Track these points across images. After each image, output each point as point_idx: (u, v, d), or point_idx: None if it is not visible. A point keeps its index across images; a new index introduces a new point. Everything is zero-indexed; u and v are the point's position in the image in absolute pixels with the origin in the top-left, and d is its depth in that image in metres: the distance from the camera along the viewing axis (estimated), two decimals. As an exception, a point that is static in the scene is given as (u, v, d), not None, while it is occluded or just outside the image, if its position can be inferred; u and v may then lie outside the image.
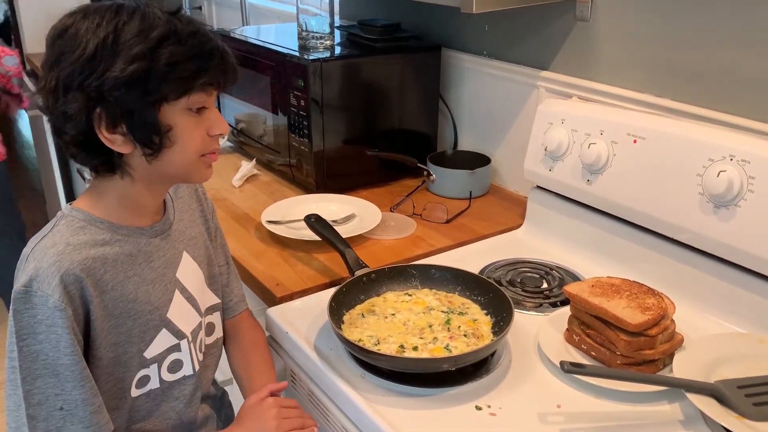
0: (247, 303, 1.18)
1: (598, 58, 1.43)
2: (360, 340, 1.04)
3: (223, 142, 1.97)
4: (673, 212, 1.17)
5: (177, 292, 1.00)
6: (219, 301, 1.11)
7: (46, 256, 0.85)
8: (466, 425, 0.92)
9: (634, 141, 1.23)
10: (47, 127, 2.98)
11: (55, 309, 0.83)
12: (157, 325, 0.97)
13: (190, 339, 1.02)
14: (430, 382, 0.98)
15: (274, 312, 1.17)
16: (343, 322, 1.09)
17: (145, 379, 0.98)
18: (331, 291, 1.13)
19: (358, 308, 1.14)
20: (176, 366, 1.01)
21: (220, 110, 1.08)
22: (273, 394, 1.04)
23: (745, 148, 1.07)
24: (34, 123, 3.14)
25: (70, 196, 3.10)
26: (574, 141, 1.33)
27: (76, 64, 0.82)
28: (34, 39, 3.28)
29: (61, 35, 0.84)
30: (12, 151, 3.68)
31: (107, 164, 0.89)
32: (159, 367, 0.99)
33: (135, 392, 0.97)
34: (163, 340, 0.98)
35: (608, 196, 1.28)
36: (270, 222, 1.44)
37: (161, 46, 0.83)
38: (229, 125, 1.97)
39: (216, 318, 1.10)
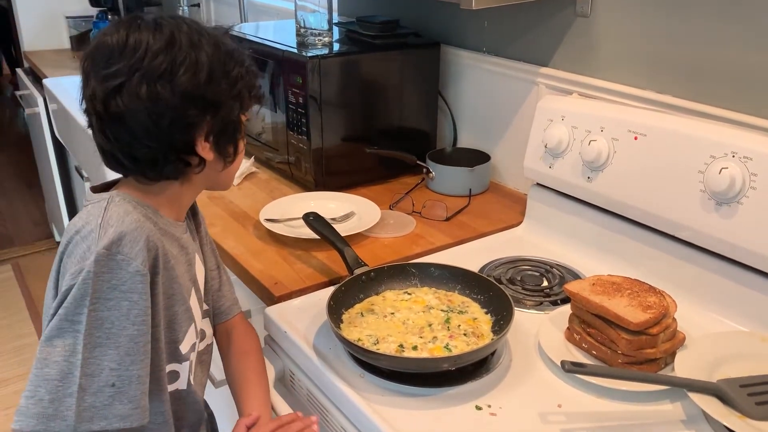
0: (241, 307, 1.16)
1: (598, 54, 1.42)
2: (359, 339, 1.03)
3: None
4: (675, 209, 1.16)
5: (193, 291, 0.99)
6: (208, 307, 1.09)
7: (126, 221, 0.84)
8: (466, 425, 0.91)
9: (635, 138, 1.22)
10: (45, 125, 2.96)
11: (136, 273, 0.82)
12: (190, 317, 0.97)
13: (200, 338, 1.02)
14: (429, 381, 0.98)
15: (272, 311, 1.16)
16: (342, 322, 1.09)
17: (174, 375, 0.95)
18: (330, 290, 1.12)
19: (357, 307, 1.13)
20: (195, 368, 1.01)
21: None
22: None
23: (747, 145, 1.07)
24: (32, 121, 3.13)
25: (68, 194, 3.09)
26: (575, 138, 1.32)
27: (195, 77, 0.86)
28: (33, 37, 3.27)
29: (170, 45, 0.86)
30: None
31: (183, 172, 0.92)
32: (189, 368, 0.98)
33: (169, 387, 0.94)
34: (191, 336, 0.98)
35: (609, 193, 1.27)
36: (268, 220, 1.43)
37: (247, 68, 0.93)
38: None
39: (206, 324, 1.08)
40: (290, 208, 1.48)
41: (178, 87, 0.85)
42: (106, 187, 0.95)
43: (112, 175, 0.97)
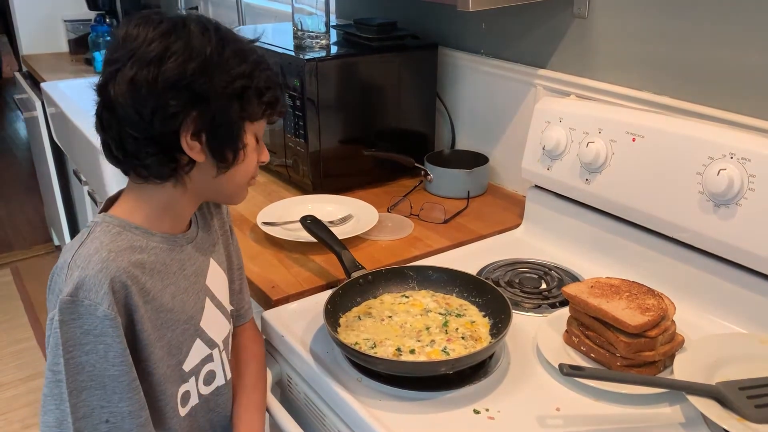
0: (253, 311, 1.16)
1: (596, 55, 1.42)
2: (356, 343, 1.03)
3: None
4: (673, 211, 1.16)
5: (207, 300, 0.98)
6: (233, 308, 1.08)
7: (91, 263, 0.82)
8: (464, 429, 0.91)
9: (633, 139, 1.22)
10: (44, 129, 2.96)
11: (104, 318, 0.80)
12: (192, 335, 0.95)
13: (221, 348, 1.01)
14: (427, 385, 0.97)
15: (269, 315, 1.16)
16: (339, 325, 1.08)
17: (186, 396, 0.96)
18: (328, 293, 1.11)
19: (355, 311, 1.12)
20: (210, 377, 1.00)
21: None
22: None
23: (746, 146, 1.06)
24: (30, 124, 3.13)
25: (67, 198, 3.08)
26: (573, 140, 1.32)
27: (184, 66, 0.82)
28: (31, 40, 3.26)
29: (164, 36, 0.83)
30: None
31: (171, 171, 0.88)
32: (197, 381, 0.97)
33: (182, 411, 0.95)
34: (197, 351, 0.96)
35: (607, 195, 1.27)
36: (266, 224, 1.42)
37: (257, 69, 0.88)
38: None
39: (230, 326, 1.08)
40: (288, 212, 1.48)
41: (164, 74, 0.81)
42: (116, 198, 0.94)
43: (109, 180, 0.96)
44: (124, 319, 0.84)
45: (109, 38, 2.90)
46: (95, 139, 0.98)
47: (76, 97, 2.43)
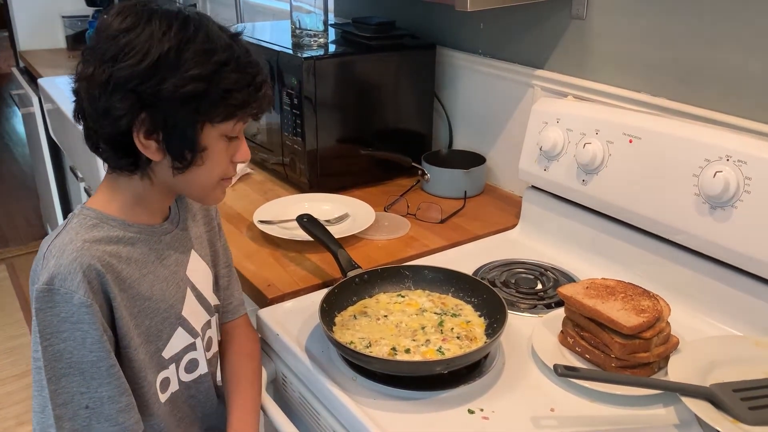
0: (246, 309, 1.16)
1: (593, 56, 1.42)
2: (351, 342, 1.03)
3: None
4: (669, 213, 1.16)
5: (188, 290, 1.00)
6: (219, 303, 1.10)
7: (65, 252, 0.84)
8: (459, 429, 0.91)
9: (630, 141, 1.22)
10: (41, 125, 2.96)
11: (81, 305, 0.82)
12: (173, 323, 0.97)
13: (201, 336, 1.02)
14: (422, 385, 0.97)
15: (265, 313, 1.16)
16: (334, 324, 1.08)
17: (166, 382, 0.97)
18: (323, 292, 1.11)
19: (350, 310, 1.12)
20: (193, 365, 1.01)
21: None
22: None
23: (742, 149, 1.06)
24: (27, 120, 3.12)
25: (63, 195, 3.08)
26: (569, 141, 1.32)
27: (135, 67, 0.81)
28: (28, 36, 3.25)
29: (124, 33, 0.82)
30: None
31: (132, 165, 0.89)
32: (177, 368, 0.99)
33: (162, 397, 0.96)
34: (179, 339, 0.98)
35: (603, 196, 1.27)
36: (262, 222, 1.42)
37: (220, 71, 0.84)
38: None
39: (216, 319, 1.10)
40: (284, 210, 1.48)
41: (115, 74, 0.81)
42: None
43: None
44: (104, 307, 0.86)
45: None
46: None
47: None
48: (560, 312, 1.09)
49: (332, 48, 1.69)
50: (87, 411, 0.85)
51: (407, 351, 1.01)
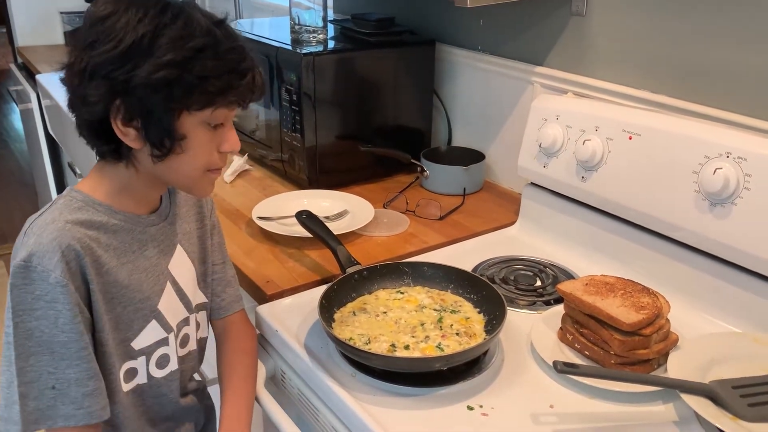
0: (243, 305, 1.16)
1: (593, 53, 1.41)
2: (351, 338, 1.03)
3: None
4: (669, 210, 1.16)
5: (168, 284, 0.99)
6: (207, 300, 1.10)
7: (46, 231, 0.84)
8: (458, 425, 0.91)
9: (630, 138, 1.22)
10: (39, 121, 2.95)
11: (56, 284, 0.82)
12: (147, 315, 0.96)
13: (175, 332, 1.02)
14: (421, 381, 0.97)
15: (264, 310, 1.16)
16: (333, 321, 1.08)
17: (132, 373, 0.97)
18: (322, 288, 1.11)
19: (350, 306, 1.12)
20: (164, 361, 1.00)
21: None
22: None
23: (742, 146, 1.06)
24: (25, 116, 3.12)
25: (61, 191, 3.07)
26: (569, 137, 1.32)
27: (109, 54, 0.81)
28: (27, 32, 3.25)
29: (102, 20, 0.83)
30: None
31: (115, 152, 0.89)
32: (147, 361, 0.98)
33: (125, 387, 0.96)
34: (152, 332, 0.97)
35: (603, 193, 1.27)
36: (261, 218, 1.42)
37: (196, 57, 0.82)
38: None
39: (202, 316, 1.09)
40: (283, 206, 1.47)
41: (90, 62, 0.82)
42: None
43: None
44: (81, 288, 0.86)
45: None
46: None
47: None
48: (559, 309, 1.09)
49: (331, 44, 1.68)
50: (53, 392, 0.85)
51: (406, 347, 1.01)
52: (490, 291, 1.11)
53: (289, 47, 1.59)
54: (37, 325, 0.83)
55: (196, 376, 1.14)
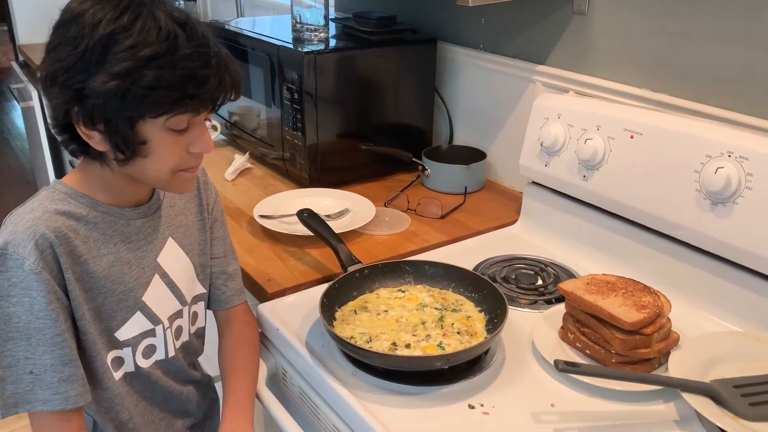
0: (245, 298, 1.16)
1: (595, 52, 1.41)
2: (352, 337, 1.03)
3: (216, 135, 1.94)
4: (670, 209, 1.16)
5: (156, 277, 0.99)
6: (205, 291, 1.10)
7: (23, 220, 0.86)
8: (459, 424, 0.91)
9: (631, 137, 1.22)
10: (40, 119, 2.96)
11: (30, 272, 0.84)
12: (131, 306, 0.97)
13: (167, 325, 1.02)
14: (422, 380, 0.97)
15: (265, 308, 1.16)
16: (335, 319, 1.08)
17: (118, 362, 0.98)
18: (324, 287, 1.11)
19: (351, 305, 1.12)
20: (149, 351, 1.01)
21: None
22: None
23: (744, 145, 1.06)
24: (27, 115, 3.12)
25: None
26: (571, 136, 1.32)
27: (63, 62, 0.82)
28: (28, 30, 3.24)
29: (65, 24, 0.84)
30: None
31: (86, 153, 0.90)
32: (133, 351, 0.99)
33: (116, 375, 0.97)
34: (136, 324, 0.98)
35: (604, 192, 1.27)
36: (262, 216, 1.42)
37: (147, 67, 0.80)
38: (223, 118, 1.95)
39: (200, 307, 1.10)
40: (284, 205, 1.47)
41: (49, 68, 0.83)
42: None
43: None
44: (57, 276, 0.87)
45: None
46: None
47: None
48: (561, 308, 1.08)
49: (333, 43, 1.68)
50: (31, 376, 0.86)
51: (407, 346, 1.01)
52: (492, 290, 1.11)
53: (291, 46, 1.59)
54: (15, 311, 0.85)
55: (210, 373, 1.15)
